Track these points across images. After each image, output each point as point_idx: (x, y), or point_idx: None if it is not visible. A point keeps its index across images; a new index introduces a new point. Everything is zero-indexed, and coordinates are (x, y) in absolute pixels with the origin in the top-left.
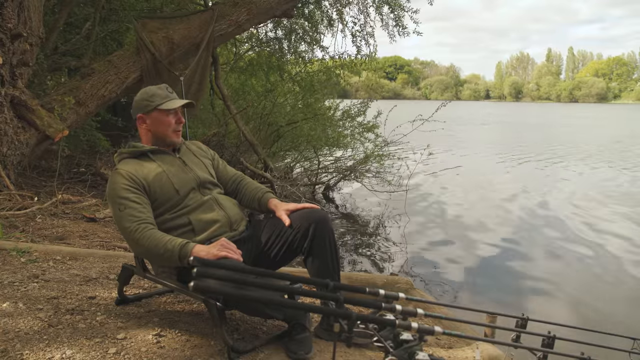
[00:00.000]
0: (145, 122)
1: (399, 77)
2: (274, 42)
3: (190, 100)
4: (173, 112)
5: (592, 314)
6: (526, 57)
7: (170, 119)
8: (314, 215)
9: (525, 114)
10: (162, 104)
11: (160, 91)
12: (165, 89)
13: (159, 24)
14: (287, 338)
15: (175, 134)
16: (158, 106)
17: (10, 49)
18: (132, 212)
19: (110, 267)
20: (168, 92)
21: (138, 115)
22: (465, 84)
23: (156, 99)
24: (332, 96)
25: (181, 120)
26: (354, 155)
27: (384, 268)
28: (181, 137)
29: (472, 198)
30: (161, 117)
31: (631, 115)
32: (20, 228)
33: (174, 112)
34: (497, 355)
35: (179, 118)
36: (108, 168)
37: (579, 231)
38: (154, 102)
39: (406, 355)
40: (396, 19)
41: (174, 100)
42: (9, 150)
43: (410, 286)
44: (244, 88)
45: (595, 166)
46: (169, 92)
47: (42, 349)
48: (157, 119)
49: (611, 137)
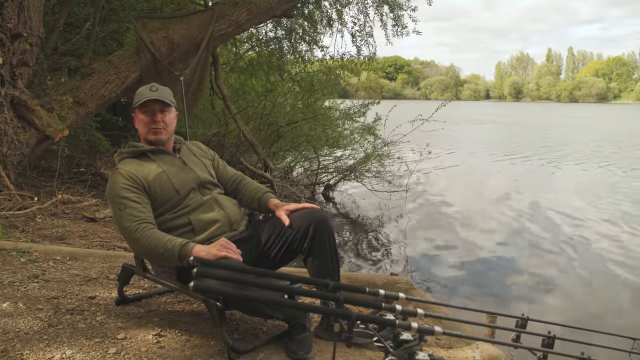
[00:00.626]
0: (135, 120)
1: (399, 77)
2: (274, 42)
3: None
4: (149, 111)
5: (592, 314)
6: (526, 57)
7: (145, 117)
8: (313, 215)
9: (525, 114)
10: (139, 102)
11: (144, 89)
12: (149, 89)
13: (159, 24)
14: (287, 338)
15: (152, 132)
16: (136, 104)
17: (10, 49)
18: (132, 211)
19: (110, 267)
20: (150, 90)
21: (132, 114)
22: (465, 84)
23: (137, 97)
24: (332, 96)
25: (156, 119)
26: (354, 155)
27: (384, 268)
28: (173, 136)
29: (472, 198)
30: (139, 116)
31: (631, 115)
32: (20, 228)
33: (150, 110)
34: (497, 355)
35: (154, 117)
36: (108, 168)
37: (579, 231)
38: (134, 101)
39: (406, 355)
40: (395, 18)
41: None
42: (9, 150)
43: (410, 286)
44: (244, 88)
45: (595, 166)
46: (151, 90)
47: (42, 349)
48: (137, 118)
49: (611, 136)
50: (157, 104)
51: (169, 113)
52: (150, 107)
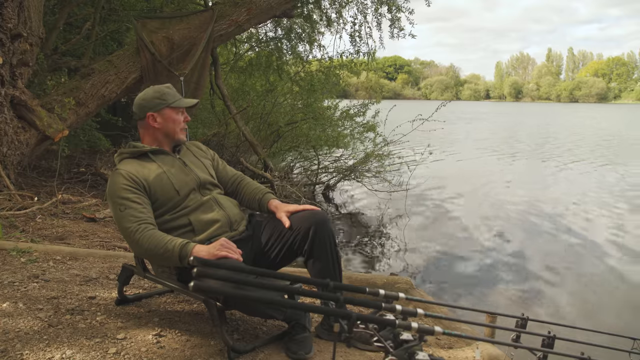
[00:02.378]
0: (157, 120)
1: (399, 77)
2: (274, 42)
3: (197, 100)
4: (181, 111)
5: (592, 313)
6: (526, 57)
7: (180, 117)
8: (314, 217)
9: (525, 114)
10: (174, 102)
11: (170, 90)
12: (175, 90)
13: (158, 24)
14: (287, 338)
15: (182, 131)
16: (171, 104)
17: (10, 49)
18: (132, 212)
19: (110, 267)
20: (176, 92)
21: (149, 113)
22: (465, 84)
23: (168, 97)
24: (332, 96)
25: (188, 118)
26: (354, 154)
27: (384, 268)
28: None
29: (472, 197)
30: (172, 115)
31: (630, 116)
32: (20, 228)
33: (182, 111)
34: (497, 355)
35: (186, 117)
36: (108, 168)
37: (579, 231)
38: (166, 101)
39: (406, 355)
40: (392, 19)
41: (184, 99)
42: (9, 150)
43: (410, 286)
44: (244, 88)
45: (595, 166)
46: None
47: (42, 349)
48: (168, 117)
49: (615, 136)
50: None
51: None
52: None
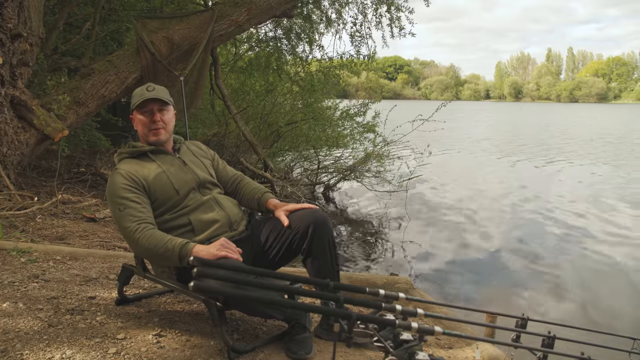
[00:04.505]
0: (134, 121)
1: (399, 77)
2: (273, 42)
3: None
4: (148, 111)
5: (592, 313)
6: (526, 57)
7: (145, 117)
8: (313, 216)
9: (525, 114)
10: (136, 103)
11: (140, 90)
12: (145, 89)
13: (158, 24)
14: (287, 338)
15: (153, 132)
16: (134, 105)
17: (10, 49)
18: (132, 212)
19: (110, 267)
20: (147, 90)
21: (131, 116)
22: (465, 84)
23: (134, 98)
24: (332, 96)
25: (155, 118)
26: (354, 154)
27: (384, 268)
28: (172, 135)
29: (472, 197)
30: (137, 117)
31: (630, 115)
32: (20, 228)
33: (149, 110)
34: (497, 355)
35: (153, 116)
36: (108, 168)
37: (579, 231)
38: (132, 102)
39: (406, 355)
40: (392, 19)
41: (146, 93)
42: (9, 150)
43: (410, 286)
44: (243, 88)
45: (596, 166)
46: (148, 90)
47: (42, 349)
48: (135, 119)
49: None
50: (155, 103)
51: (168, 112)
52: (148, 107)
